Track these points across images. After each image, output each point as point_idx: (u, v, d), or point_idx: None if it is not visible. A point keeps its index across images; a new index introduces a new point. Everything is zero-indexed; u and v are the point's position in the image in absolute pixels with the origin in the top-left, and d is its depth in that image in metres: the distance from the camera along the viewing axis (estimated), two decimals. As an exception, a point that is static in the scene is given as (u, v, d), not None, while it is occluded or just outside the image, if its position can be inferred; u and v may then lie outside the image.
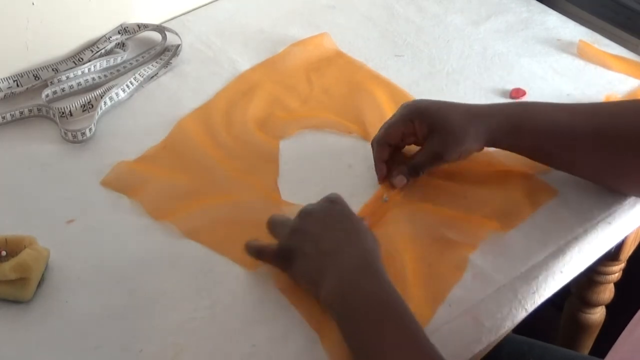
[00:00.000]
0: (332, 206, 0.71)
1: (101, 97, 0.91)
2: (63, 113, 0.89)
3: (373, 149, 0.80)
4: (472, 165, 0.81)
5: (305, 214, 0.70)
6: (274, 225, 0.72)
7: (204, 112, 0.90)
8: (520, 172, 0.81)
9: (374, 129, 0.86)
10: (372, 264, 0.66)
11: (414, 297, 0.69)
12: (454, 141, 0.76)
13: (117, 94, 0.91)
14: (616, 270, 1.04)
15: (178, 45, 0.99)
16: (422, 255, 0.73)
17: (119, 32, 1.00)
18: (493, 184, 0.80)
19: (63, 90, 0.92)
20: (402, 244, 0.74)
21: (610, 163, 0.75)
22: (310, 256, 0.67)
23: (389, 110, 0.89)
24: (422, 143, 0.79)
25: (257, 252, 0.71)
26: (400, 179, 0.78)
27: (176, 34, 1.01)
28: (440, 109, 0.77)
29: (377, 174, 0.80)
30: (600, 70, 0.96)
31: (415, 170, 0.78)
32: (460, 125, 0.75)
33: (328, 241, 0.67)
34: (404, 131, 0.78)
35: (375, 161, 0.80)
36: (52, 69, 0.94)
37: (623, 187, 0.79)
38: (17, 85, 0.92)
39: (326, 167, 0.84)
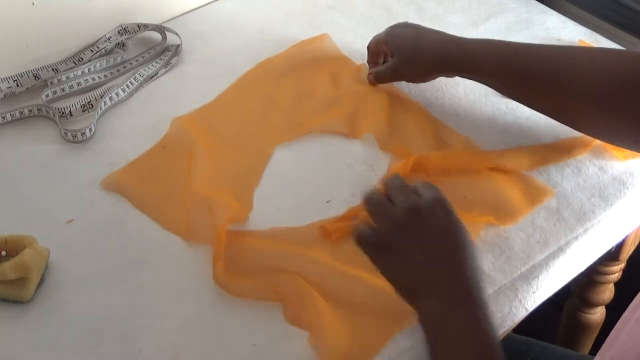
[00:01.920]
0: (439, 210, 0.65)
1: (101, 97, 0.91)
2: (63, 113, 0.89)
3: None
4: (467, 165, 0.82)
5: (414, 211, 0.64)
6: (371, 203, 0.67)
7: (203, 113, 0.90)
8: (517, 173, 0.81)
9: (375, 130, 0.87)
10: (474, 294, 0.62)
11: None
12: (406, 66, 0.88)
13: (117, 94, 0.91)
14: (616, 270, 1.04)
15: (178, 45, 0.99)
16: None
17: (119, 32, 1.00)
18: (488, 184, 0.80)
19: (63, 90, 0.92)
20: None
21: (562, 105, 0.79)
22: (411, 263, 0.63)
23: (389, 111, 0.89)
24: None
25: (353, 234, 0.66)
26: (370, 78, 0.93)
27: (176, 34, 1.01)
28: (401, 37, 0.89)
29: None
30: (600, 70, 0.96)
31: (378, 76, 0.92)
32: (412, 53, 0.87)
33: (432, 253, 0.63)
34: (377, 48, 0.93)
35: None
36: (52, 69, 0.94)
37: (579, 128, 0.81)
38: (17, 85, 0.92)
39: (326, 167, 0.84)
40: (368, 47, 0.94)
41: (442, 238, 0.64)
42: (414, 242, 0.64)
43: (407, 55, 0.88)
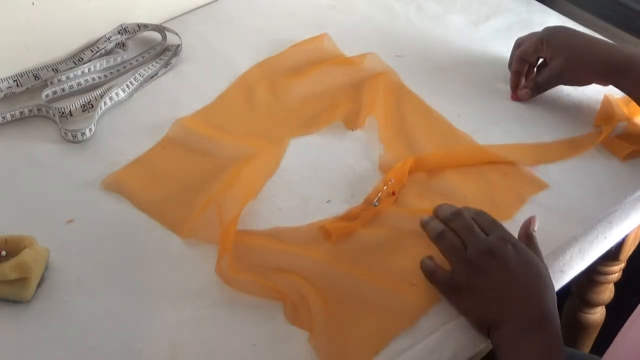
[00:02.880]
0: (511, 248, 0.68)
1: (101, 97, 0.91)
2: (63, 113, 0.89)
3: (511, 66, 0.91)
4: (466, 161, 0.82)
5: (488, 254, 0.68)
6: (444, 244, 0.71)
7: (203, 114, 0.90)
8: (515, 167, 0.82)
9: (376, 119, 0.88)
10: (546, 321, 0.65)
11: (412, 295, 0.70)
12: (571, 65, 0.84)
13: (117, 94, 0.91)
14: (616, 270, 1.04)
15: (178, 45, 0.99)
16: (421, 255, 0.73)
17: (119, 32, 1.00)
18: (487, 181, 0.80)
19: (63, 90, 0.92)
20: (396, 245, 0.75)
21: None
22: (486, 300, 0.66)
23: (390, 106, 0.90)
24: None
25: (430, 273, 0.70)
26: (525, 92, 0.88)
27: (176, 34, 1.01)
28: (567, 35, 0.85)
29: (510, 85, 0.90)
30: (600, 70, 0.96)
31: (537, 87, 0.88)
32: (580, 52, 0.83)
33: (506, 289, 0.66)
34: (535, 49, 0.87)
35: (512, 74, 0.90)
36: (52, 69, 0.94)
37: None
38: (17, 85, 0.92)
39: (326, 167, 0.84)
40: (520, 56, 0.89)
41: (515, 273, 0.67)
42: (489, 282, 0.67)
43: (577, 55, 0.83)
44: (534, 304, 0.66)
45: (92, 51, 0.97)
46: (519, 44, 0.91)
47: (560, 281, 0.76)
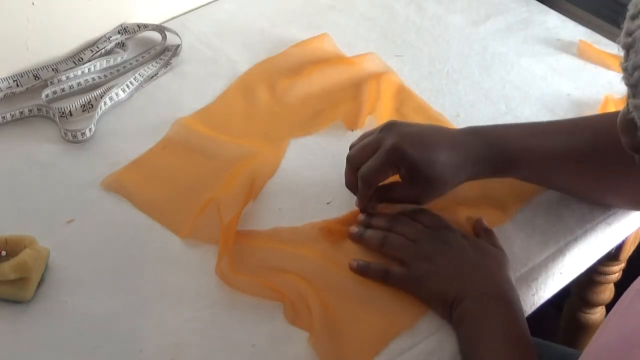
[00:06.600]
0: (456, 232, 0.73)
1: (101, 97, 0.91)
2: (63, 113, 0.89)
3: (363, 181, 0.74)
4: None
5: (439, 240, 0.71)
6: (393, 247, 0.72)
7: (203, 114, 0.90)
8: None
9: (376, 124, 0.86)
10: (507, 296, 0.68)
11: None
12: (432, 192, 0.75)
13: (117, 94, 0.91)
14: (616, 270, 1.04)
15: (178, 45, 0.99)
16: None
17: (119, 32, 1.00)
18: (482, 186, 0.79)
19: (63, 90, 0.92)
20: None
21: (598, 178, 0.75)
22: (447, 282, 0.69)
23: (390, 106, 0.90)
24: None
25: (383, 275, 0.71)
26: (372, 205, 0.76)
27: (176, 34, 1.01)
28: (425, 161, 0.72)
29: (358, 204, 0.77)
30: (600, 70, 0.96)
31: (387, 201, 0.77)
32: (443, 179, 0.73)
33: (465, 264, 0.70)
34: (386, 173, 0.74)
35: (360, 194, 0.76)
36: (52, 69, 0.94)
37: (609, 201, 0.79)
38: (17, 85, 0.92)
39: (325, 167, 0.84)
40: (371, 183, 0.74)
41: (469, 253, 0.71)
42: (447, 263, 0.70)
43: (441, 181, 0.74)
44: (491, 281, 0.68)
45: (92, 51, 0.97)
46: (356, 157, 0.76)
47: (559, 283, 0.76)
